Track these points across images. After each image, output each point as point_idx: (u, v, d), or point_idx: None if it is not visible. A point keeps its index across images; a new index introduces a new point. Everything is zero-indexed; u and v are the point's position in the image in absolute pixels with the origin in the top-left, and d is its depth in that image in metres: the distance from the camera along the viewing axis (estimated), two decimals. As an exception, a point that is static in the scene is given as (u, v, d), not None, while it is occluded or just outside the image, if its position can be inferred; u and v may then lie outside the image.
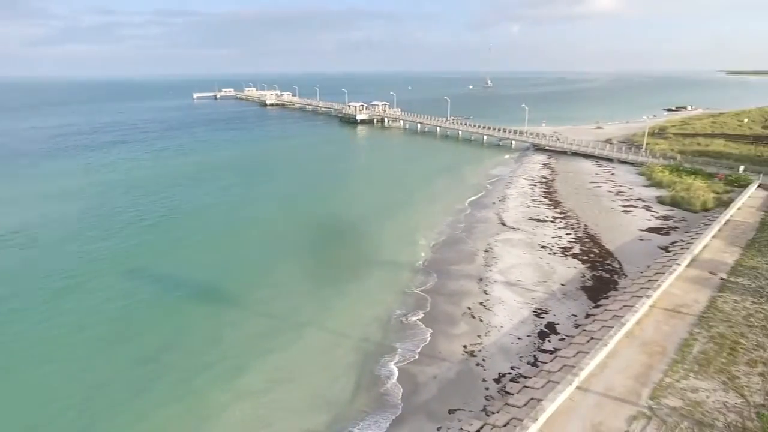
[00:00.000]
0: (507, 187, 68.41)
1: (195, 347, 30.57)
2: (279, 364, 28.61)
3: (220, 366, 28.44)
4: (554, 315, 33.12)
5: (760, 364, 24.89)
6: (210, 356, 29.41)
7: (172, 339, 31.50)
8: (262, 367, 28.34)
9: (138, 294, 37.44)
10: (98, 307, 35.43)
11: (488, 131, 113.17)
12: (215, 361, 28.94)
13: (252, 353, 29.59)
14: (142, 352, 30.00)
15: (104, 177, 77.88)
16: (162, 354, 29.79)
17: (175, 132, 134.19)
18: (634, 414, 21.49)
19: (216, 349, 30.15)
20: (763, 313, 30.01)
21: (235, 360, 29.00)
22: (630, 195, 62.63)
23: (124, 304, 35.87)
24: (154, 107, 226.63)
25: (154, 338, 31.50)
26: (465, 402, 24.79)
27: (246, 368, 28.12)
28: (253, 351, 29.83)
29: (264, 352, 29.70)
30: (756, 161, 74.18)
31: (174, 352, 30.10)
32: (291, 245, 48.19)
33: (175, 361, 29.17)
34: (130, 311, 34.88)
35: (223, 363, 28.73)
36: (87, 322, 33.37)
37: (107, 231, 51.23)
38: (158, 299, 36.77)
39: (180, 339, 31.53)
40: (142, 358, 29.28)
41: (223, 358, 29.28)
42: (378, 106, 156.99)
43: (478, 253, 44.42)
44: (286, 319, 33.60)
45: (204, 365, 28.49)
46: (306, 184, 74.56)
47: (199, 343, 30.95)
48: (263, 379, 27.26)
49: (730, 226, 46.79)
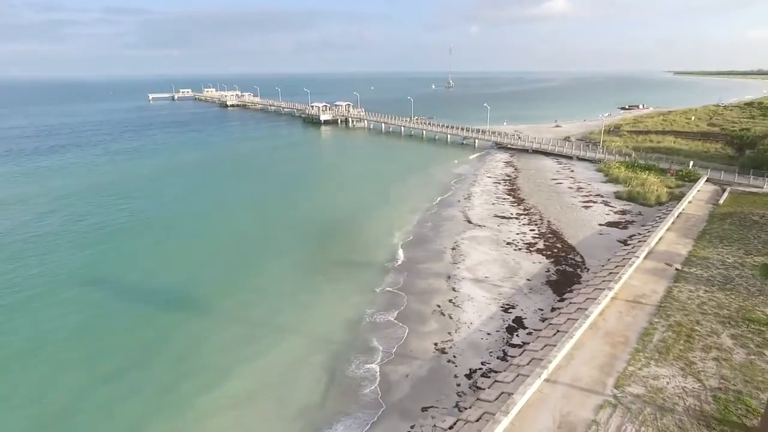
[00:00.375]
0: (471, 186, 69.45)
1: (165, 358, 29.40)
2: (252, 369, 27.94)
3: (196, 375, 27.56)
4: (521, 310, 33.82)
5: (714, 349, 26.17)
6: (184, 366, 28.47)
7: (139, 352, 30.14)
8: (236, 373, 27.62)
9: (99, 307, 35.45)
10: (56, 323, 33.23)
11: (452, 130, 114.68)
12: (190, 370, 28.01)
13: (225, 360, 28.82)
14: (106, 368, 28.36)
15: (55, 183, 74.08)
16: (130, 368, 28.38)
17: (131, 134, 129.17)
18: (600, 403, 22.18)
19: (189, 358, 29.19)
20: (715, 300, 31.60)
21: (209, 367, 28.18)
22: (589, 191, 64.75)
23: (84, 318, 33.95)
24: (106, 109, 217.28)
25: (120, 353, 29.92)
26: (438, 399, 24.96)
27: (220, 375, 27.34)
28: (227, 357, 29.06)
29: (238, 358, 28.97)
30: (704, 157, 78.19)
31: (143, 364, 28.79)
32: (260, 249, 47.19)
33: (144, 374, 27.89)
34: (91, 326, 32.99)
35: (199, 371, 27.84)
36: (44, 341, 31.18)
37: (61, 240, 48.77)
38: (122, 311, 34.96)
39: (148, 350, 30.18)
40: (108, 375, 27.73)
41: (198, 366, 28.39)
42: (341, 106, 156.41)
43: (445, 251, 44.86)
44: (258, 324, 32.89)
45: (178, 375, 27.53)
46: (273, 187, 73.41)
47: (170, 354, 29.76)
48: (238, 386, 26.56)
49: (682, 218, 49.07)
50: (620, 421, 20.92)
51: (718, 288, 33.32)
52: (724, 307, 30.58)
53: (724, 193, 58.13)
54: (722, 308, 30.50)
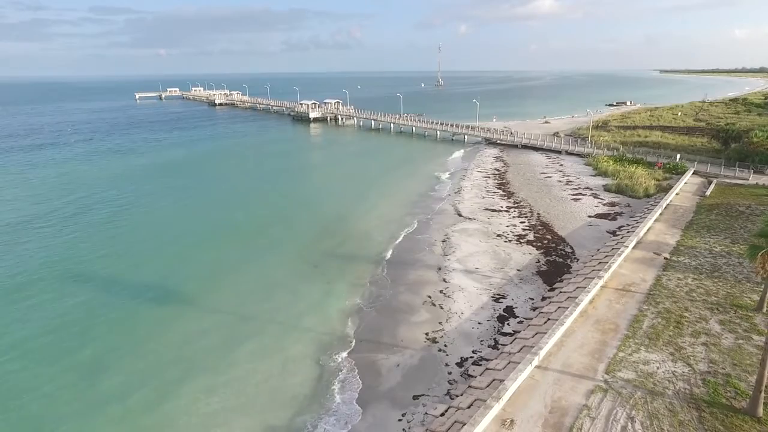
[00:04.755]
0: (462, 180, 69.41)
1: (151, 351, 29.01)
2: (241, 360, 27.62)
3: (186, 368, 27.22)
4: (512, 299, 33.78)
5: (702, 334, 26.33)
6: (173, 357, 28.10)
7: (123, 344, 29.74)
8: (227, 363, 27.36)
9: (90, 301, 34.95)
10: (33, 317, 32.79)
11: (441, 127, 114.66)
12: (180, 362, 27.66)
13: (213, 353, 28.50)
14: (90, 361, 28.04)
15: (41, 179, 72.88)
16: (114, 359, 28.06)
17: (119, 133, 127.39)
18: (591, 388, 22.17)
19: (181, 351, 28.80)
20: (703, 288, 31.82)
21: (193, 360, 27.84)
22: (578, 184, 65.04)
23: (72, 311, 33.43)
24: (93, 108, 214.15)
25: (102, 344, 29.63)
26: (429, 387, 24.80)
27: (205, 368, 27.05)
28: (220, 349, 28.78)
29: (229, 348, 28.71)
30: (690, 150, 78.88)
31: (126, 356, 28.43)
32: (252, 244, 46.67)
33: (126, 365, 27.54)
34: (78, 319, 32.46)
35: (191, 365, 27.48)
36: (20, 336, 30.70)
37: (45, 234, 47.95)
38: (111, 304, 34.45)
39: (133, 343, 29.82)
40: (93, 368, 27.40)
41: (191, 360, 28.03)
42: (331, 104, 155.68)
43: (436, 243, 44.74)
44: (246, 317, 32.54)
45: (166, 367, 27.18)
46: (264, 184, 72.77)
47: (155, 348, 29.39)
48: (229, 376, 26.25)
49: (670, 210, 49.45)
50: (611, 405, 20.93)
51: (706, 276, 33.57)
52: (712, 294, 30.82)
53: (710, 185, 58.71)
54: (710, 295, 30.73)
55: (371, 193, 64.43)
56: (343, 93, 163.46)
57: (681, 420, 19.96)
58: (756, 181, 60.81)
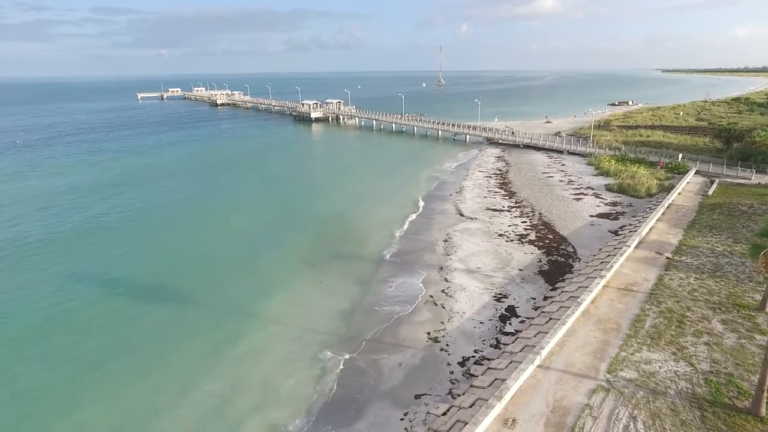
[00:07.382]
0: (463, 180, 69.41)
1: (149, 351, 29.12)
2: (242, 361, 27.68)
3: (184, 364, 27.33)
4: (514, 299, 33.77)
5: (705, 334, 26.29)
6: (173, 356, 28.17)
7: (119, 342, 29.84)
8: (228, 360, 27.43)
9: (88, 298, 35.18)
10: (33, 318, 32.95)
11: (443, 126, 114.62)
12: (179, 360, 27.74)
13: (213, 352, 28.55)
14: (92, 356, 28.26)
15: (44, 180, 73.09)
16: (111, 357, 28.16)
17: (120, 133, 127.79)
18: (593, 388, 22.15)
19: (173, 350, 28.89)
20: (705, 287, 31.77)
21: (193, 359, 27.91)
22: (580, 184, 64.97)
23: (72, 309, 33.64)
24: (95, 109, 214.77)
25: (100, 343, 29.72)
26: (431, 387, 24.81)
27: (205, 367, 27.09)
28: (215, 350, 28.79)
29: (230, 346, 28.84)
30: (692, 150, 78.75)
31: (124, 355, 28.53)
32: (255, 242, 46.68)
33: (125, 364, 27.64)
34: (78, 317, 32.74)
35: (182, 363, 27.59)
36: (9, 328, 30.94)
37: (47, 232, 48.09)
38: (112, 302, 34.67)
39: (131, 342, 29.92)
40: (92, 363, 27.59)
41: (187, 357, 28.11)
42: (332, 104, 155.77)
43: (437, 242, 44.75)
44: (250, 315, 32.61)
45: (165, 365, 27.27)
46: (266, 183, 72.76)
47: (154, 347, 29.51)
48: (224, 378, 26.28)
49: (672, 209, 49.38)
50: (613, 405, 20.91)
51: (708, 275, 33.52)
52: (714, 294, 30.76)
53: (712, 185, 58.59)
54: (712, 294, 30.68)
55: (372, 192, 64.47)
56: (344, 93, 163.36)
57: (683, 420, 19.94)
58: (758, 180, 60.68)
